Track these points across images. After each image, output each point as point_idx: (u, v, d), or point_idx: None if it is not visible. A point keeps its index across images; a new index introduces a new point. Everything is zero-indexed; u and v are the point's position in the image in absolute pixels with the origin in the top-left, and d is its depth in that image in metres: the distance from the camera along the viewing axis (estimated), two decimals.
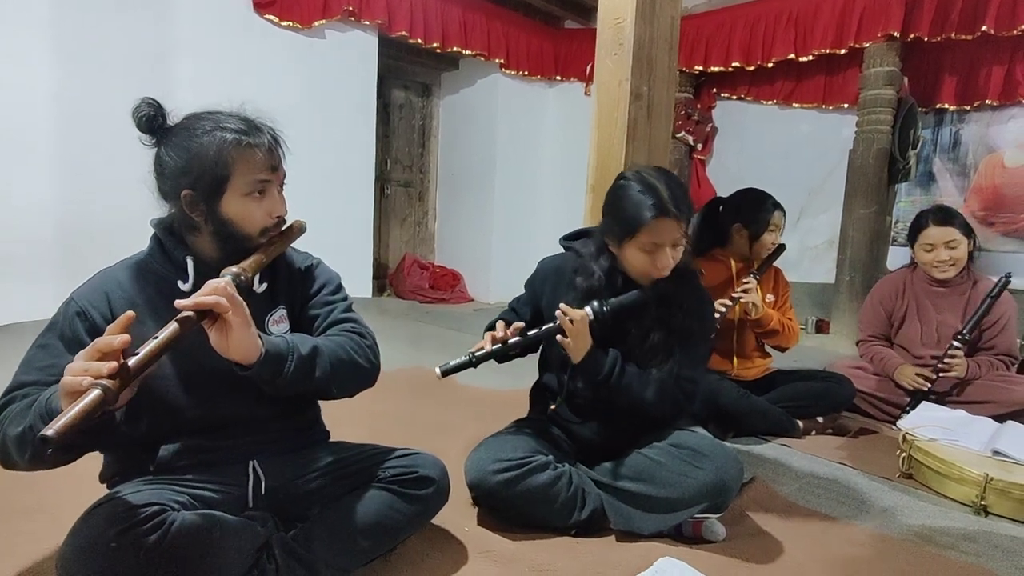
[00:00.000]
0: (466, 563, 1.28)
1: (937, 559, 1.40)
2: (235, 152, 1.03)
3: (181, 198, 1.03)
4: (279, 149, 1.11)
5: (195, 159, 1.02)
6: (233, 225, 1.05)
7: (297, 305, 1.20)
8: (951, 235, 2.27)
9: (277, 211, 1.10)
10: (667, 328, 1.43)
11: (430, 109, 5.66)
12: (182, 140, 1.04)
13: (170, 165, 1.04)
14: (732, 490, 1.37)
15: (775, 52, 4.31)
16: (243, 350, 0.95)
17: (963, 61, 3.91)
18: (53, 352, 1.01)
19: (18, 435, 0.90)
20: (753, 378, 2.27)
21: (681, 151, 4.97)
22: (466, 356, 1.35)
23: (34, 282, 3.15)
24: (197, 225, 1.06)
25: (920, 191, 4.22)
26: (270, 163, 1.07)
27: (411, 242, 5.70)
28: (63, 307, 1.06)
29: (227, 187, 1.03)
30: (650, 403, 1.41)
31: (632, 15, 1.77)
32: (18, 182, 3.09)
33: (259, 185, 1.06)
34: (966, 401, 2.23)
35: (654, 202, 1.33)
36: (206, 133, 1.03)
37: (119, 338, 0.83)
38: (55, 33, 3.12)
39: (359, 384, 1.16)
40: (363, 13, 4.18)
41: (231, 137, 1.03)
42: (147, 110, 1.04)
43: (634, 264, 1.40)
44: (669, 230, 1.34)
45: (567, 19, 5.58)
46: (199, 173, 1.02)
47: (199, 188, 1.03)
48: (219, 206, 1.04)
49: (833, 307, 4.10)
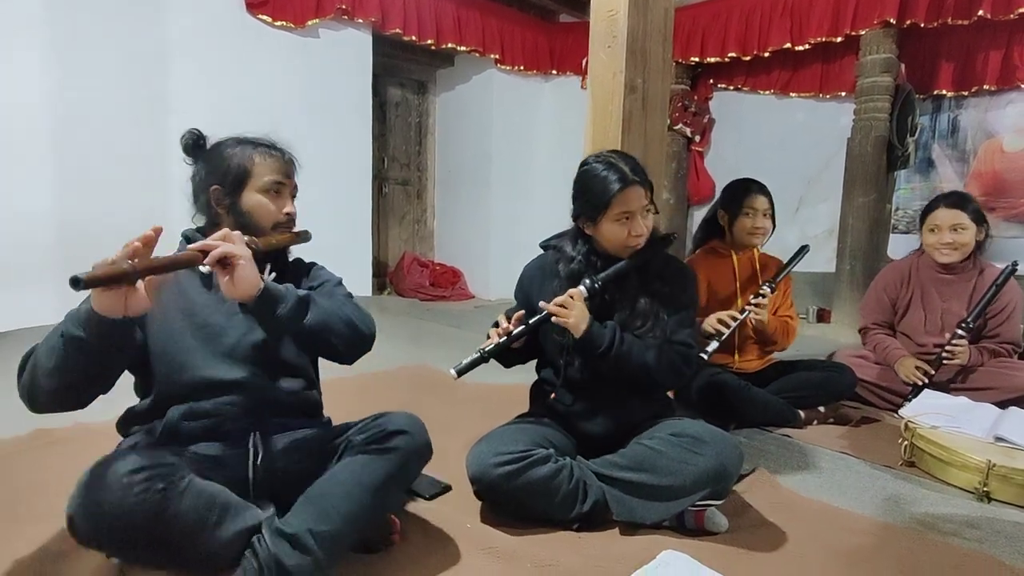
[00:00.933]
0: (468, 559, 1.28)
1: (940, 546, 1.40)
2: (256, 156, 1.26)
3: (210, 193, 1.23)
4: (293, 165, 1.33)
5: (222, 162, 1.24)
6: (251, 216, 1.24)
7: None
8: (958, 218, 2.24)
9: (287, 208, 1.29)
10: (650, 294, 1.52)
11: (426, 106, 5.65)
12: (214, 154, 1.27)
13: (202, 173, 1.26)
14: (733, 475, 1.38)
15: (771, 41, 4.29)
16: (246, 285, 1.05)
17: (960, 46, 3.89)
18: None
19: (47, 352, 1.01)
20: (754, 370, 2.27)
21: (679, 143, 4.95)
22: (477, 353, 1.43)
23: (35, 289, 3.16)
24: (220, 219, 1.24)
25: (919, 178, 4.21)
26: (285, 170, 1.29)
27: (410, 240, 5.69)
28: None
29: (247, 183, 1.24)
30: (653, 367, 1.46)
31: (625, 7, 1.76)
32: (16, 187, 3.09)
33: (275, 185, 1.26)
34: (968, 388, 2.22)
35: (618, 175, 1.44)
36: (234, 146, 1.27)
37: (145, 234, 0.97)
38: (48, 35, 3.12)
39: (352, 337, 1.23)
40: (356, 11, 4.16)
41: (252, 147, 1.27)
42: (191, 138, 1.28)
43: (612, 237, 1.48)
44: (636, 197, 1.45)
45: (561, 13, 5.56)
46: (225, 172, 1.24)
47: (225, 184, 1.23)
48: (240, 199, 1.23)
49: (834, 296, 4.09)
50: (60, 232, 3.24)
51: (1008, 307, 2.27)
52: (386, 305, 4.69)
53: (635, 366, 1.45)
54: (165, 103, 3.49)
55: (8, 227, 3.09)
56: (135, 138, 3.39)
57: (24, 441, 1.77)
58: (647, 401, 1.58)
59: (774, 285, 2.13)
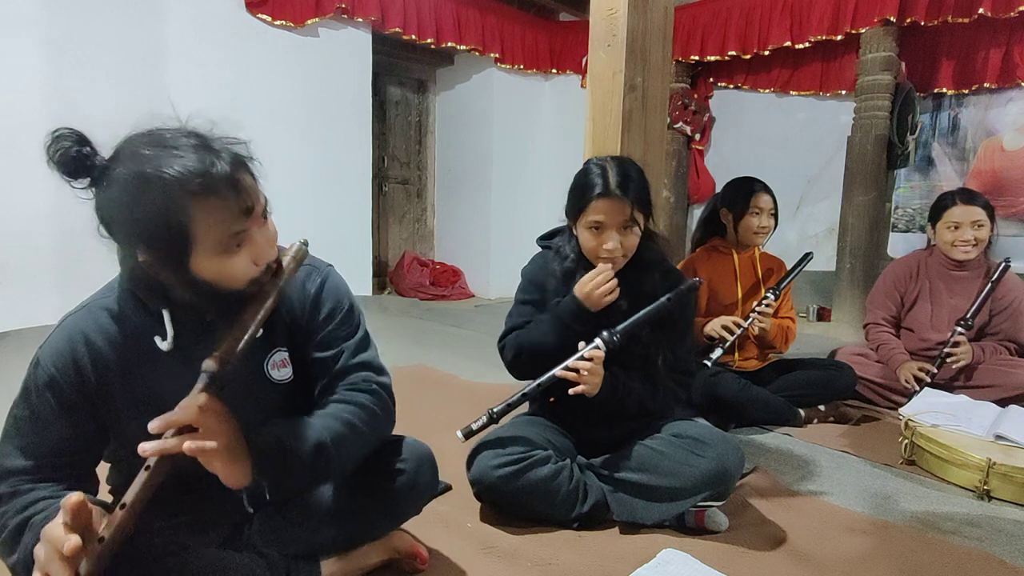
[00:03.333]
0: (469, 559, 1.28)
1: (940, 545, 1.40)
2: (188, 206, 0.80)
3: (140, 262, 0.84)
4: (248, 177, 0.87)
5: (141, 217, 0.80)
6: (211, 285, 0.87)
7: (300, 340, 1.05)
8: (977, 214, 2.25)
9: (263, 258, 0.90)
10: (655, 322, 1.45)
11: (426, 105, 5.64)
12: (118, 191, 0.80)
13: (114, 222, 0.83)
14: (734, 477, 1.37)
15: (771, 40, 4.28)
16: (227, 477, 0.82)
17: (960, 45, 3.88)
18: (32, 427, 0.91)
19: (11, 566, 0.85)
20: (754, 369, 2.26)
21: (679, 142, 4.95)
22: (485, 416, 1.36)
23: (33, 289, 3.16)
24: (165, 290, 0.89)
25: (919, 176, 4.20)
26: (240, 207, 0.84)
27: (410, 239, 5.69)
28: (31, 371, 0.93)
29: (192, 250, 0.83)
30: (650, 405, 1.47)
31: (625, 6, 1.76)
32: (16, 187, 3.08)
33: (234, 239, 0.85)
34: (969, 386, 2.23)
35: (602, 183, 1.39)
36: (147, 180, 0.79)
37: (67, 545, 0.70)
38: (46, 34, 3.11)
39: (368, 451, 1.06)
40: (356, 10, 4.16)
41: (181, 188, 0.79)
42: (69, 146, 0.81)
43: (584, 244, 1.45)
44: (612, 211, 1.38)
45: (561, 12, 5.55)
46: (150, 236, 0.81)
47: (157, 254, 0.83)
48: (188, 269, 0.84)
49: (834, 295, 4.09)
50: (60, 232, 3.23)
51: (1013, 304, 2.27)
52: (386, 304, 4.69)
53: (633, 408, 1.46)
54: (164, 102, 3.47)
55: (8, 227, 3.09)
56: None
57: None
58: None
59: (778, 292, 2.13)
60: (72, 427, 0.92)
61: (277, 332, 1.02)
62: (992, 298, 2.26)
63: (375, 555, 1.19)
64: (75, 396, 0.91)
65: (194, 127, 0.88)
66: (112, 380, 0.92)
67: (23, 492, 0.88)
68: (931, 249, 2.42)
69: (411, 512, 1.21)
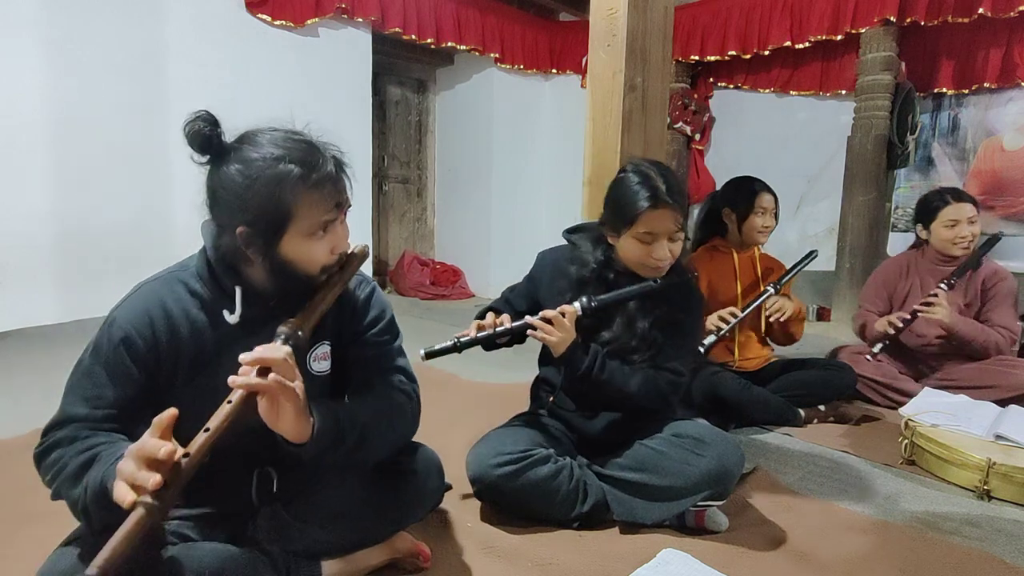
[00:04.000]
0: (469, 558, 1.28)
1: (940, 545, 1.40)
2: (298, 192, 0.93)
3: (236, 234, 0.94)
4: (344, 179, 1.01)
5: (253, 196, 0.91)
6: (292, 266, 0.97)
7: (344, 339, 1.13)
8: (971, 211, 2.30)
9: (340, 247, 1.02)
10: (653, 320, 1.45)
11: (426, 105, 5.64)
12: (239, 169, 0.92)
13: (224, 196, 0.94)
14: (734, 477, 1.37)
15: (771, 39, 4.28)
16: (292, 431, 0.89)
17: (960, 44, 3.88)
18: (98, 381, 0.96)
19: (74, 503, 0.88)
20: (754, 368, 2.27)
21: (679, 142, 4.95)
22: (451, 341, 1.37)
23: (33, 289, 3.16)
24: (248, 263, 0.98)
25: (919, 176, 4.20)
26: (336, 200, 0.98)
27: (410, 239, 5.69)
28: (105, 329, 0.99)
29: (288, 228, 0.94)
30: (635, 394, 1.41)
31: (625, 6, 1.76)
32: (15, 187, 3.09)
33: (323, 227, 0.98)
34: (968, 386, 2.23)
35: (650, 192, 1.36)
36: (267, 165, 0.92)
37: (163, 449, 0.75)
38: (45, 35, 3.11)
39: (394, 450, 1.14)
40: (356, 10, 4.16)
41: (295, 174, 0.92)
42: (202, 126, 0.91)
43: (631, 255, 1.42)
44: (664, 220, 1.36)
45: (561, 11, 5.55)
46: (257, 212, 0.92)
47: (257, 227, 0.93)
48: (278, 247, 0.95)
49: (834, 294, 4.09)
50: (60, 232, 3.24)
51: (1000, 292, 2.30)
52: None
53: (615, 392, 1.41)
54: (164, 102, 3.48)
55: (8, 227, 3.09)
56: (134, 138, 3.38)
57: (24, 441, 1.77)
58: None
59: (779, 287, 2.13)
60: (135, 385, 0.97)
61: (324, 327, 1.08)
62: (983, 287, 2.32)
63: (377, 556, 1.19)
64: (145, 355, 0.97)
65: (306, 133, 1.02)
66: (179, 346, 0.99)
67: (82, 437, 0.92)
68: (922, 248, 2.45)
69: (416, 516, 1.24)
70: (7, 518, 1.40)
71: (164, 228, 3.52)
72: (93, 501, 0.84)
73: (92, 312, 3.10)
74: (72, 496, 0.88)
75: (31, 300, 3.14)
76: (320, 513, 1.11)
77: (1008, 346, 2.28)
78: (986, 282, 2.33)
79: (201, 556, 0.96)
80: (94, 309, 3.02)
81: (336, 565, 1.13)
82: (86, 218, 3.30)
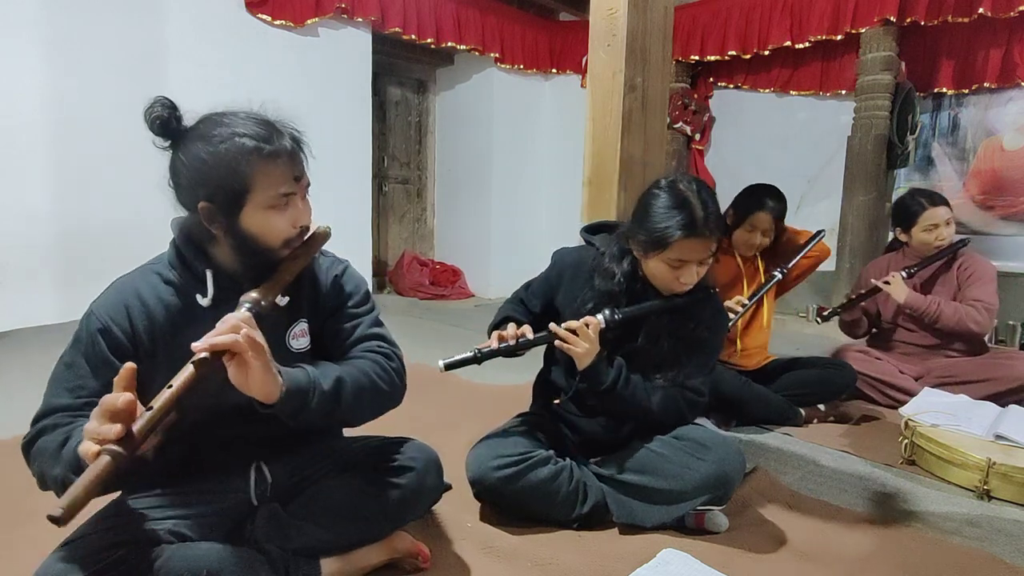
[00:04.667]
0: (468, 559, 1.28)
1: (940, 544, 1.40)
2: (255, 163, 0.96)
3: (199, 210, 0.98)
4: (301, 154, 1.05)
5: (211, 170, 0.96)
6: (254, 239, 1.00)
7: (321, 317, 1.15)
8: (947, 213, 2.37)
9: (301, 221, 1.04)
10: (677, 337, 1.42)
11: (426, 105, 5.64)
12: (197, 147, 0.97)
13: (185, 174, 0.98)
14: (734, 481, 1.37)
15: (771, 39, 4.28)
16: (262, 389, 0.91)
17: (960, 44, 3.88)
18: (79, 372, 0.99)
19: (55, 480, 0.89)
20: (754, 367, 2.26)
21: (679, 142, 4.95)
22: (471, 352, 1.35)
23: (33, 289, 3.16)
24: (216, 236, 1.02)
25: (919, 176, 4.20)
26: (293, 173, 1.01)
27: (410, 239, 5.69)
28: (84, 321, 1.03)
29: (247, 200, 0.98)
30: (654, 412, 1.41)
31: (625, 6, 1.76)
32: (15, 187, 3.09)
33: (282, 199, 1.00)
34: (968, 380, 2.24)
35: (687, 221, 1.29)
36: (223, 140, 0.96)
37: (122, 398, 0.79)
38: (45, 35, 3.11)
39: (382, 410, 1.13)
40: (356, 10, 4.16)
41: (250, 146, 0.96)
42: (160, 111, 0.95)
43: (657, 276, 1.38)
44: (698, 249, 1.32)
45: (561, 11, 5.55)
46: (216, 185, 0.96)
47: (217, 201, 0.97)
48: (239, 220, 0.99)
49: (834, 294, 4.08)
50: (59, 232, 3.23)
51: (976, 272, 2.35)
52: (386, 304, 4.69)
53: (634, 407, 1.40)
54: None
55: (7, 227, 3.08)
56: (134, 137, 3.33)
57: None
58: None
59: (786, 270, 2.14)
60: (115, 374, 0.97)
61: (301, 306, 1.12)
62: (959, 276, 2.38)
63: (376, 555, 1.19)
64: (123, 344, 1.01)
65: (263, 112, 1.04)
66: (156, 333, 1.03)
67: (64, 424, 0.95)
68: (902, 250, 2.51)
69: (415, 514, 1.24)
70: (7, 518, 1.40)
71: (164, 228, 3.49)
72: (70, 470, 0.86)
73: None
74: (53, 474, 0.90)
75: (31, 300, 3.14)
76: (318, 511, 1.11)
77: (986, 318, 2.28)
78: (960, 268, 2.39)
79: (199, 555, 0.97)
80: None
81: (335, 564, 1.13)
82: (86, 218, 3.30)
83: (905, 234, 2.44)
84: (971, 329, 2.27)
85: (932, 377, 2.34)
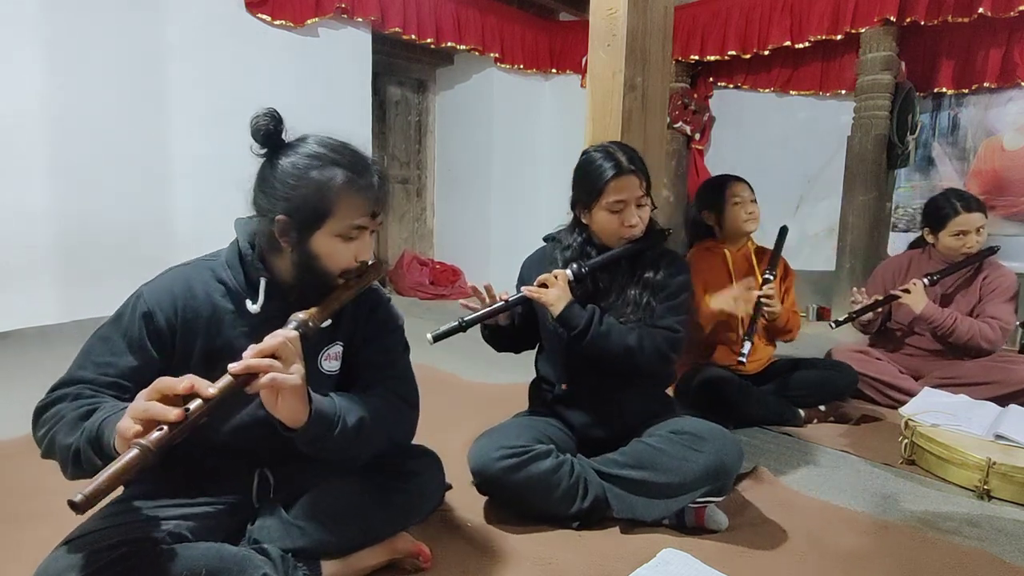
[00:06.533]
0: (469, 557, 1.28)
1: (940, 544, 1.40)
2: (342, 193, 1.02)
3: (275, 221, 1.02)
4: (385, 193, 1.09)
5: (301, 188, 1.01)
6: (318, 260, 1.04)
7: (355, 344, 1.19)
8: (980, 220, 2.28)
9: (363, 256, 1.08)
10: (641, 284, 1.52)
11: (426, 105, 5.64)
12: (293, 162, 1.02)
13: (274, 186, 1.02)
14: (732, 472, 1.38)
15: (771, 39, 4.28)
16: (290, 416, 0.93)
17: (960, 44, 3.88)
18: (114, 348, 1.01)
19: (65, 448, 0.89)
20: (754, 371, 2.25)
21: (679, 141, 4.95)
22: (456, 321, 1.44)
23: (33, 289, 3.15)
24: (282, 249, 1.05)
25: (919, 176, 4.20)
26: (372, 210, 1.06)
27: (410, 239, 5.69)
28: (132, 300, 1.05)
29: (323, 225, 1.02)
30: (635, 349, 1.44)
31: (625, 5, 1.76)
32: (15, 187, 3.09)
33: (354, 231, 1.04)
34: (969, 383, 2.23)
35: (613, 163, 1.46)
36: (320, 164, 1.02)
37: (183, 383, 0.81)
38: (45, 35, 3.11)
39: (387, 450, 1.17)
40: (356, 10, 4.16)
41: (342, 178, 1.02)
42: (267, 122, 1.02)
43: (605, 227, 1.50)
44: (630, 187, 1.46)
45: (561, 11, 5.55)
46: (300, 204, 1.01)
47: (296, 217, 1.01)
48: (310, 240, 1.03)
49: (834, 294, 4.09)
50: (59, 232, 3.23)
51: (999, 288, 2.30)
52: None
53: (616, 348, 1.44)
54: (164, 102, 3.48)
55: (7, 227, 3.08)
56: (134, 137, 3.38)
57: (24, 441, 1.77)
58: (647, 400, 1.58)
59: (775, 272, 2.12)
60: (145, 360, 1.01)
61: (339, 329, 1.16)
62: (982, 289, 2.32)
63: (376, 556, 1.19)
64: (163, 332, 1.03)
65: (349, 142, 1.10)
66: (198, 328, 1.05)
67: (86, 396, 0.96)
68: (927, 250, 2.44)
69: (417, 517, 1.25)
70: (7, 518, 1.40)
71: (164, 228, 3.52)
72: (87, 444, 0.87)
73: (92, 312, 3.09)
74: (65, 443, 0.90)
75: (31, 300, 3.14)
76: (320, 514, 1.11)
77: (1000, 337, 2.26)
78: (985, 280, 2.33)
79: (200, 556, 0.97)
80: (94, 309, 3.01)
81: (336, 565, 1.13)
82: (86, 218, 3.30)
83: (932, 236, 2.36)
84: (982, 346, 2.25)
85: (933, 379, 2.33)
